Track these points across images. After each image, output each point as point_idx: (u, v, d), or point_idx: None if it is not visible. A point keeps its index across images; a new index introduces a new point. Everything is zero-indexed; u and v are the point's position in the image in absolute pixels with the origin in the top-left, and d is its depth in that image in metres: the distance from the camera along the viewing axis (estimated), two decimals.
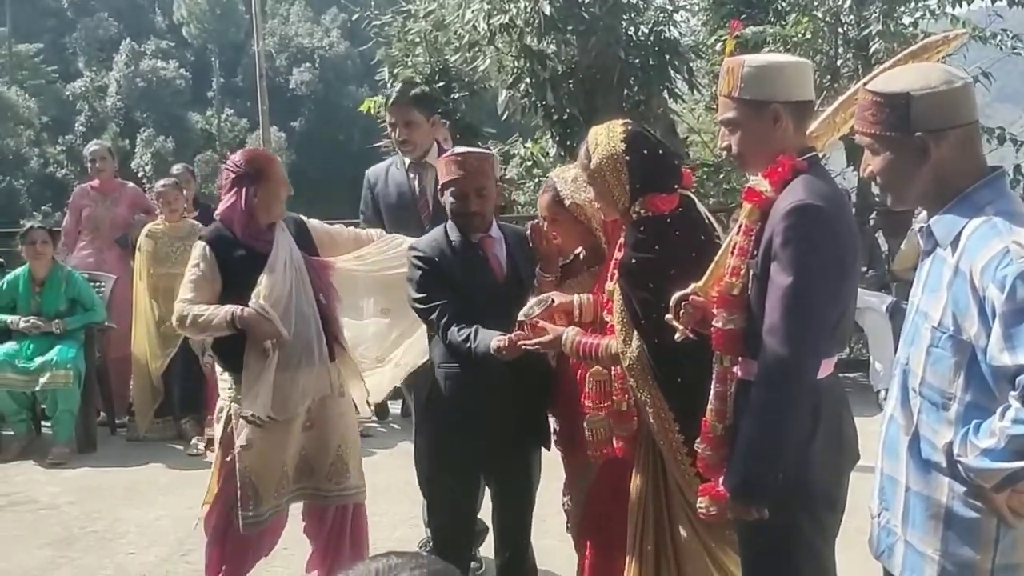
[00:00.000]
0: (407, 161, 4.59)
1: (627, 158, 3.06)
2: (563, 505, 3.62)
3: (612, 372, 3.20)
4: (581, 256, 3.61)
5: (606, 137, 3.12)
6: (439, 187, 3.74)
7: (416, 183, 4.58)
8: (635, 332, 3.05)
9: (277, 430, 3.85)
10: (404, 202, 4.54)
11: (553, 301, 3.35)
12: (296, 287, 3.90)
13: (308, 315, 3.92)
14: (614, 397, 3.20)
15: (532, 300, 3.39)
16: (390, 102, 4.62)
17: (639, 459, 3.21)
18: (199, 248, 3.93)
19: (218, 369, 4.14)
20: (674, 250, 3.01)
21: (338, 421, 4.04)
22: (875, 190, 10.14)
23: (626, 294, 3.07)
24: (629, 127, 3.13)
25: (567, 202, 3.43)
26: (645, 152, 3.08)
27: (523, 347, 3.28)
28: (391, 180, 4.62)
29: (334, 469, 4.03)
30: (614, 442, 3.24)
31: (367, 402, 4.21)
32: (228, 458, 3.92)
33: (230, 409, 3.92)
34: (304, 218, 4.21)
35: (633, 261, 3.04)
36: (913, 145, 2.26)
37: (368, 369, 4.22)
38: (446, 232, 3.69)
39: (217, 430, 4.04)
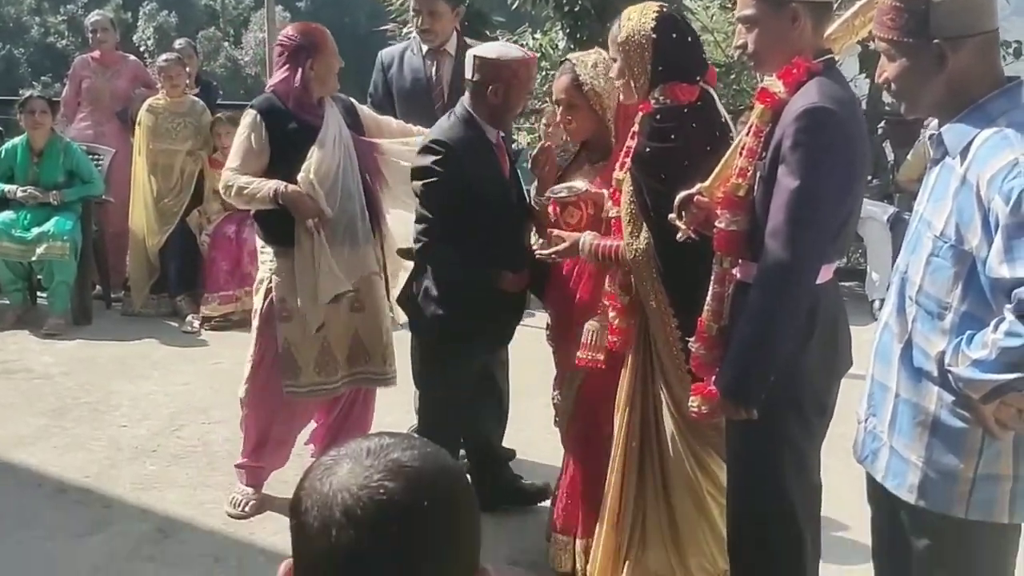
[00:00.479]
0: (424, 47, 4.51)
1: (655, 36, 2.97)
2: (552, 399, 3.63)
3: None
4: (584, 150, 3.55)
5: (638, 14, 3.05)
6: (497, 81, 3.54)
7: (433, 70, 4.51)
8: (643, 224, 3.02)
9: (316, 302, 3.86)
10: (418, 88, 4.48)
11: (584, 189, 3.30)
12: (344, 163, 3.89)
13: (354, 192, 3.92)
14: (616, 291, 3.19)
15: (561, 184, 3.33)
16: None
17: (630, 356, 3.22)
18: (249, 117, 3.89)
19: (258, 241, 4.14)
20: (689, 142, 2.95)
21: (383, 302, 4.06)
22: (887, 98, 10.03)
23: (637, 184, 3.02)
24: (664, 9, 3.05)
25: (585, 87, 3.34)
26: (674, 36, 2.99)
27: (540, 256, 3.26)
28: (406, 65, 4.54)
29: (389, 350, 4.08)
30: (608, 338, 3.24)
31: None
32: (268, 330, 3.94)
33: (270, 282, 3.93)
34: (354, 100, 4.18)
35: (647, 150, 2.99)
36: (930, 52, 2.21)
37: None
38: (465, 122, 3.59)
39: (256, 301, 4.06)
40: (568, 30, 10.09)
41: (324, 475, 1.15)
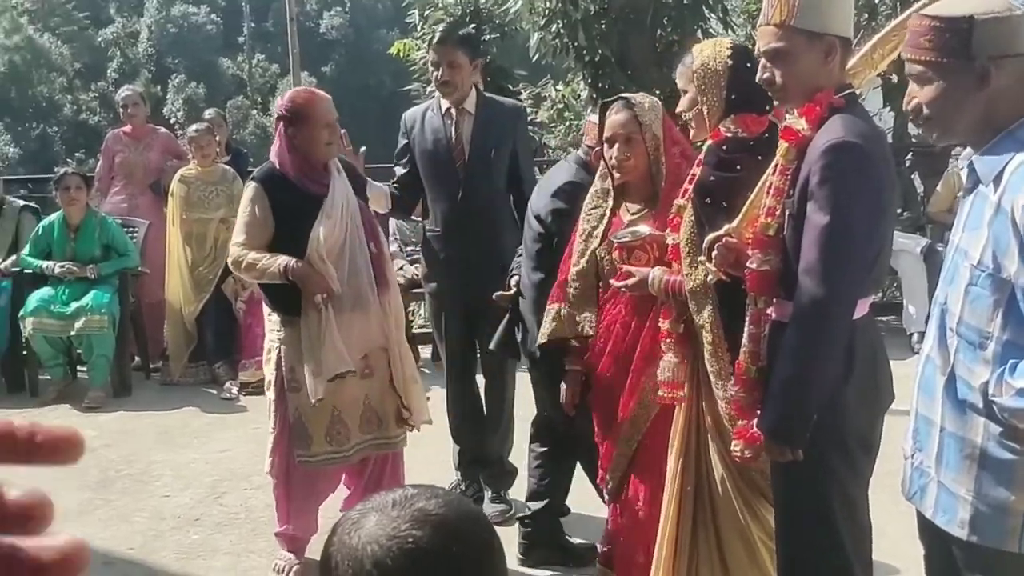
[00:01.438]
0: (444, 106, 4.50)
1: (730, 63, 2.98)
2: (605, 484, 3.59)
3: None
4: (622, 195, 3.51)
5: (712, 46, 3.08)
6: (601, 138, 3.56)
7: (452, 129, 4.47)
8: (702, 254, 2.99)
9: None
10: (439, 148, 4.47)
11: (648, 232, 3.27)
12: (351, 233, 3.85)
13: (361, 263, 3.86)
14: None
15: (626, 228, 3.31)
16: (435, 41, 4.49)
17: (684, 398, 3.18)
18: (251, 189, 3.88)
19: (266, 310, 4.14)
20: (752, 174, 2.90)
21: (400, 365, 3.99)
22: (913, 130, 9.99)
23: (698, 213, 3.00)
24: (736, 43, 3.09)
25: (643, 125, 3.34)
26: (748, 65, 2.95)
27: (614, 287, 3.25)
28: (427, 125, 4.53)
29: (399, 414, 4.02)
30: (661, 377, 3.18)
31: None
32: (282, 400, 3.94)
33: (279, 351, 3.92)
34: (352, 163, 4.19)
35: (712, 179, 2.98)
36: (972, 72, 2.19)
37: None
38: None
39: (267, 371, 4.05)
40: (590, 80, 10.17)
41: (352, 529, 1.16)
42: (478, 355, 4.71)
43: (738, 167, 2.94)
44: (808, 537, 2.68)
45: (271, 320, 4.04)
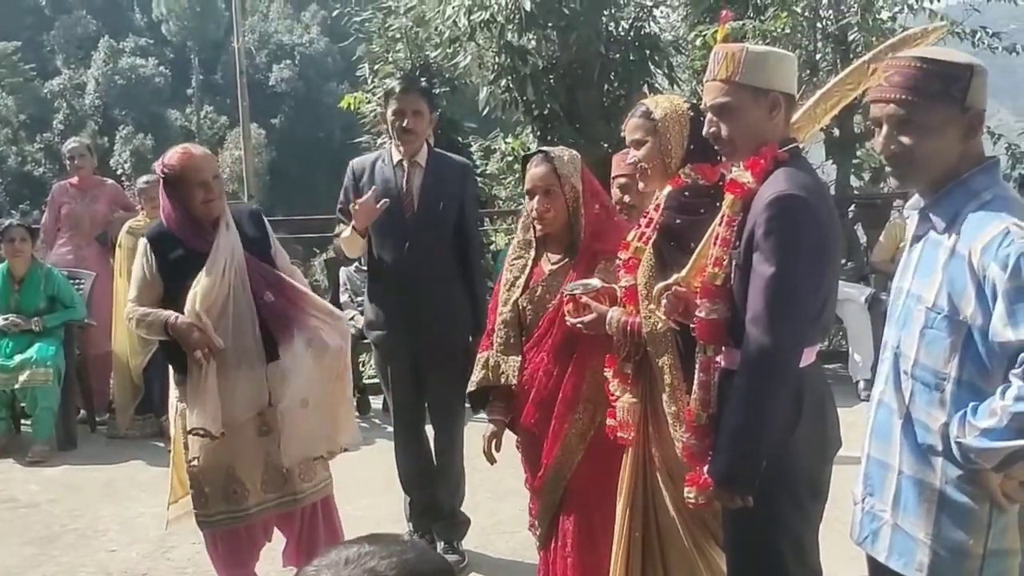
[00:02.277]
0: (395, 158, 4.51)
1: (691, 115, 3.07)
2: (529, 526, 3.61)
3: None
4: (543, 246, 3.57)
5: (666, 99, 3.17)
6: (612, 176, 3.72)
7: (404, 181, 4.48)
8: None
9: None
10: (389, 198, 4.44)
11: (599, 286, 3.28)
12: (236, 290, 3.80)
13: (246, 319, 3.80)
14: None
15: (577, 281, 3.32)
16: (400, 90, 4.51)
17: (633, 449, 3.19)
18: (141, 246, 3.89)
19: (170, 369, 4.06)
20: (712, 217, 2.91)
21: (302, 419, 3.85)
22: (855, 181, 10.21)
23: (661, 256, 3.04)
24: (686, 99, 3.18)
25: (562, 179, 3.42)
26: (702, 119, 2.98)
27: (569, 323, 3.24)
28: (378, 175, 4.53)
29: (304, 467, 3.93)
30: (608, 422, 3.20)
31: None
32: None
33: (178, 409, 3.89)
34: (261, 213, 4.18)
35: (678, 222, 3.03)
36: (962, 122, 2.25)
37: None
38: None
39: (173, 430, 4.00)
40: (539, 133, 10.29)
41: None
42: (426, 405, 4.71)
43: (701, 210, 2.99)
44: None
45: (174, 378, 3.98)
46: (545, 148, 3.58)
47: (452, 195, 4.51)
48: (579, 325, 3.22)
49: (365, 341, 6.48)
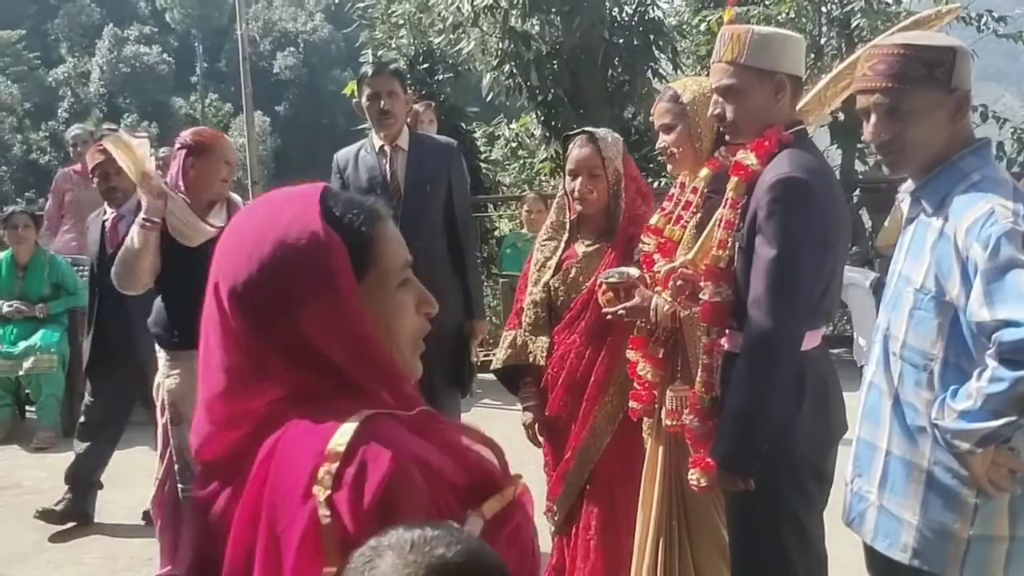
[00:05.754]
0: (377, 144, 4.46)
1: (713, 98, 3.01)
2: (545, 511, 3.59)
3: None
4: (578, 229, 3.53)
5: (695, 83, 3.13)
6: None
7: (387, 166, 4.43)
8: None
9: None
10: (375, 185, 4.41)
11: (636, 274, 3.18)
12: None
13: None
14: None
15: (614, 269, 3.25)
16: (372, 73, 4.46)
17: (657, 428, 3.17)
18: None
19: (157, 347, 4.07)
20: None
21: None
22: (860, 166, 10.18)
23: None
24: None
25: (606, 160, 3.36)
26: None
27: (607, 312, 3.16)
28: (361, 164, 4.48)
29: None
30: (631, 405, 3.17)
31: None
32: (166, 435, 3.91)
33: (164, 386, 3.90)
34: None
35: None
36: (949, 104, 2.24)
37: None
38: None
39: (158, 410, 4.00)
40: (543, 118, 10.27)
41: (366, 567, 1.13)
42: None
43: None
44: (762, 566, 2.70)
45: (161, 356, 3.99)
46: (589, 128, 3.52)
47: (438, 177, 4.46)
48: (620, 313, 3.12)
49: None
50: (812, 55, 9.58)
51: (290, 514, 1.25)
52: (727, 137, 2.84)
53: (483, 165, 10.75)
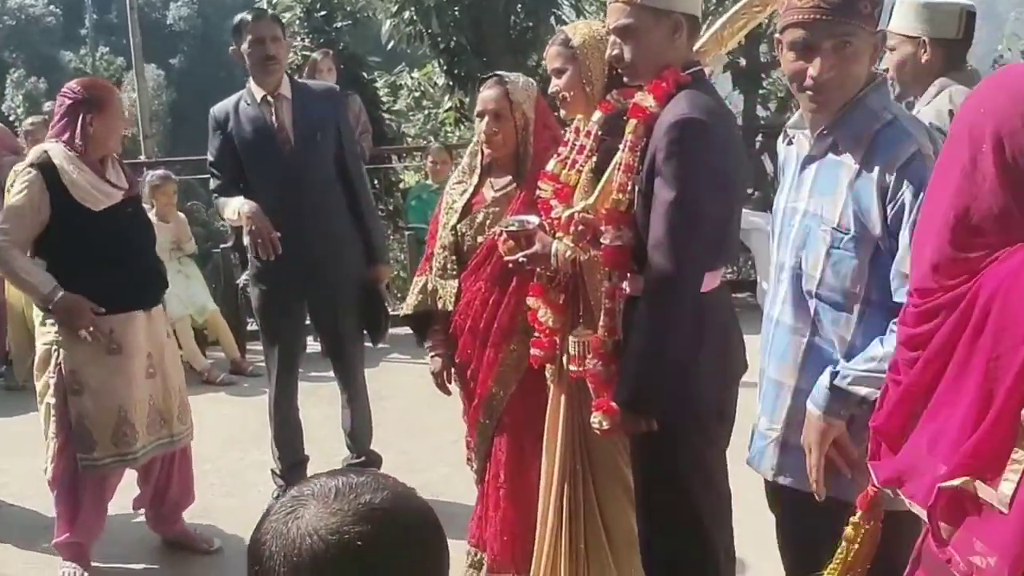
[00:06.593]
0: (259, 95, 4.30)
1: (611, 39, 2.96)
2: (466, 460, 3.59)
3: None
4: (488, 172, 3.49)
5: (586, 26, 3.10)
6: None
7: (273, 116, 4.29)
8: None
9: (111, 373, 3.79)
10: (263, 137, 4.28)
11: (538, 221, 3.12)
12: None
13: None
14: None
15: (514, 217, 3.21)
16: (253, 19, 4.32)
17: (554, 382, 3.18)
18: (29, 175, 3.70)
19: (36, 311, 3.95)
20: None
21: (174, 361, 4.11)
22: (761, 112, 10.29)
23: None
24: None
25: (514, 103, 3.32)
26: None
27: (508, 261, 3.11)
28: (243, 116, 4.31)
29: (182, 408, 4.06)
30: (532, 352, 3.15)
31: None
32: (64, 405, 3.81)
33: (59, 356, 3.78)
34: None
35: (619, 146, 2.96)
36: (873, 43, 2.25)
37: None
38: None
39: (42, 377, 3.87)
40: (445, 67, 10.16)
41: (288, 518, 1.10)
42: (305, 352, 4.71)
43: None
44: (666, 507, 2.72)
45: (44, 325, 3.85)
46: (500, 72, 3.48)
47: (326, 123, 4.37)
48: (521, 260, 3.07)
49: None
50: (714, 1, 9.61)
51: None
52: (625, 79, 2.81)
53: (386, 116, 10.59)
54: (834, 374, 2.22)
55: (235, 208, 4.13)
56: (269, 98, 4.30)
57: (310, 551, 1.06)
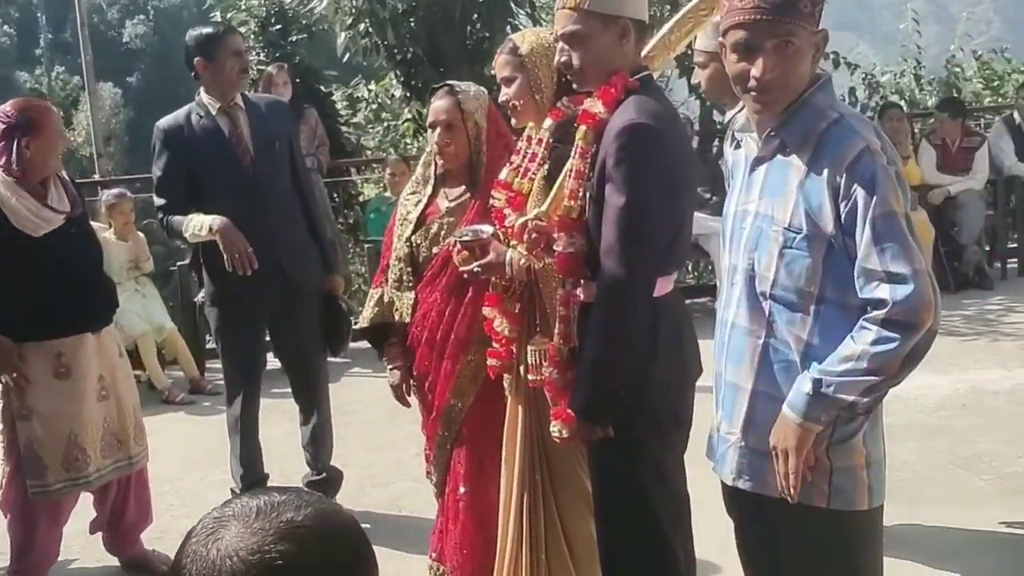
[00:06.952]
0: (214, 107, 4.21)
1: (557, 46, 2.92)
2: (426, 474, 3.56)
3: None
4: (443, 184, 3.46)
5: (534, 34, 3.10)
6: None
7: (230, 127, 4.22)
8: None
9: (60, 398, 3.73)
10: (222, 149, 4.21)
11: (492, 231, 3.10)
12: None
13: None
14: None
15: (468, 227, 3.19)
16: (230, 31, 4.34)
17: (512, 394, 3.15)
18: None
19: None
20: None
21: (127, 382, 4.02)
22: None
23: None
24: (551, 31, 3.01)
25: (465, 113, 3.30)
26: None
27: (463, 271, 3.09)
28: (200, 131, 4.21)
29: (137, 429, 4.00)
30: (489, 362, 3.13)
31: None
32: (12, 431, 3.75)
33: (9, 381, 3.73)
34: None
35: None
36: (815, 42, 2.23)
37: None
38: None
39: None
40: (402, 78, 10.11)
41: (208, 540, 1.07)
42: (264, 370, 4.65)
43: None
44: (624, 512, 2.71)
45: None
46: (451, 82, 3.46)
47: (281, 133, 4.37)
48: (475, 270, 3.05)
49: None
50: (668, 7, 9.64)
51: None
52: (574, 85, 2.80)
53: (344, 129, 10.53)
54: (817, 381, 2.18)
55: (201, 224, 4.02)
56: (227, 109, 4.25)
57: (230, 572, 1.03)
